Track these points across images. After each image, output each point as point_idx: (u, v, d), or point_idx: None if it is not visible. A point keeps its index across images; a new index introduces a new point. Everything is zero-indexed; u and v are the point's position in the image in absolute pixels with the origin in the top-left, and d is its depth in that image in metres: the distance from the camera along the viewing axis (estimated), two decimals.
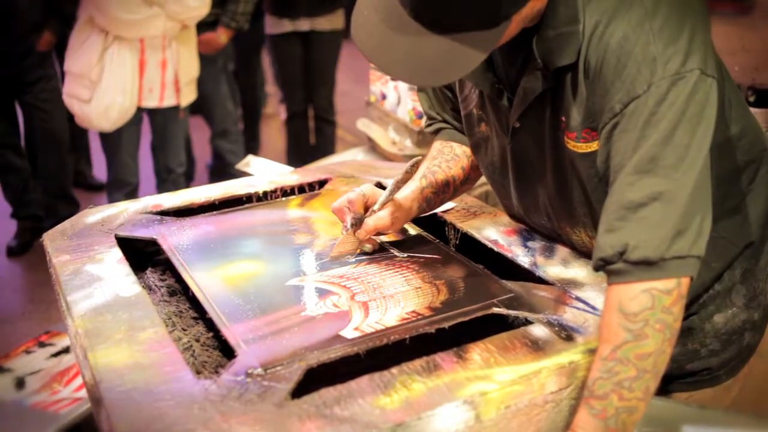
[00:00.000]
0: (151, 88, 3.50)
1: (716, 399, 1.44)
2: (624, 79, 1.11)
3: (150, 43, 3.41)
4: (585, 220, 1.35)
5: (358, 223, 1.44)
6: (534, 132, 1.32)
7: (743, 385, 1.49)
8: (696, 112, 1.09)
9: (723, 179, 1.28)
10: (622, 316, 1.08)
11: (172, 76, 3.55)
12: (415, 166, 1.51)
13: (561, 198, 1.36)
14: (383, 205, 1.45)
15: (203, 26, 3.82)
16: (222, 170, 4.57)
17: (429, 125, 1.65)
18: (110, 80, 3.36)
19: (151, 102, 3.54)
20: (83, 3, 3.37)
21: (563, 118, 1.25)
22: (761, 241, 1.39)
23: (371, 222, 1.43)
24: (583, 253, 1.44)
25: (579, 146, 1.24)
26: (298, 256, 1.46)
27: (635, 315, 1.08)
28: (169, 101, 3.59)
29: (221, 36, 4.11)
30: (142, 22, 3.31)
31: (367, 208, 1.47)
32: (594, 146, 1.22)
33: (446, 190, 1.56)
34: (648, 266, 1.08)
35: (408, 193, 1.49)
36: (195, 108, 4.20)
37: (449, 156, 1.58)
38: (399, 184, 1.46)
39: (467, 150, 1.58)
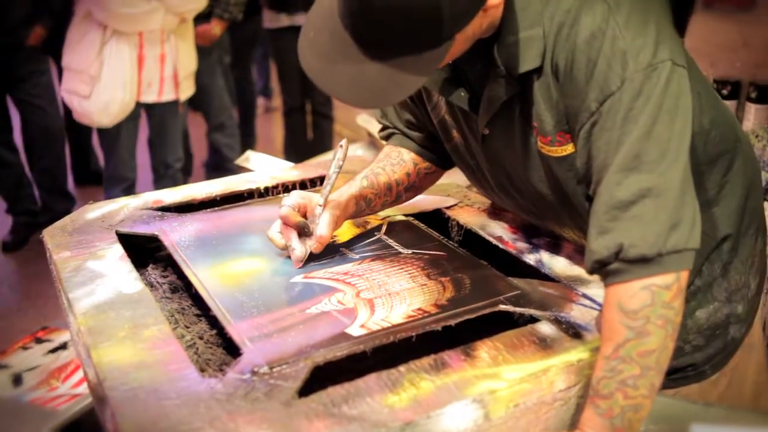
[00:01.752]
0: (150, 82, 3.48)
1: (703, 394, 1.43)
2: (596, 77, 1.10)
3: (148, 38, 3.38)
4: (569, 222, 1.35)
5: (305, 233, 1.39)
6: (505, 138, 1.30)
7: (731, 380, 1.49)
8: (672, 104, 1.09)
9: (696, 171, 1.23)
10: (622, 314, 1.07)
11: (171, 70, 3.53)
12: (343, 149, 1.45)
13: (541, 201, 1.34)
14: (324, 207, 1.40)
15: (197, 19, 3.80)
16: (219, 165, 4.55)
17: (382, 130, 1.63)
18: (109, 75, 3.34)
19: (150, 97, 3.52)
20: None
21: (535, 124, 1.23)
22: (738, 234, 1.37)
23: (322, 232, 1.38)
24: (579, 245, 1.42)
25: (554, 150, 1.23)
26: None
27: (635, 312, 1.07)
28: (168, 96, 3.58)
29: (215, 28, 4.08)
30: (141, 15, 3.29)
31: (304, 215, 1.42)
32: (569, 149, 1.21)
33: (388, 193, 1.53)
34: (645, 263, 1.07)
35: (345, 190, 1.48)
36: (192, 102, 4.18)
37: (395, 160, 1.55)
38: (334, 177, 1.43)
39: (416, 157, 1.56)
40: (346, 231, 1.54)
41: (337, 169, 1.43)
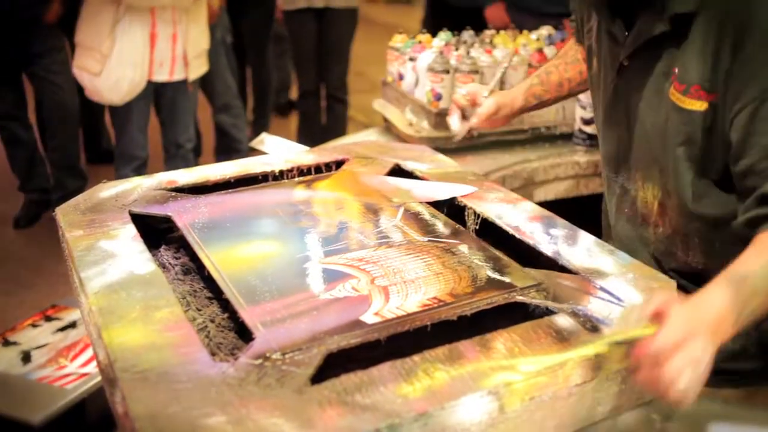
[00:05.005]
0: (162, 62, 3.47)
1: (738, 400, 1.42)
2: None
3: (161, 16, 3.36)
4: (658, 176, 1.38)
5: (465, 117, 1.69)
6: (641, 74, 1.36)
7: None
8: None
9: None
10: None
11: (182, 50, 3.51)
12: (512, 53, 1.76)
13: (644, 147, 1.39)
14: (491, 92, 1.63)
15: None
16: (228, 147, 4.53)
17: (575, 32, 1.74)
18: (121, 53, 3.33)
19: (162, 76, 3.50)
20: None
21: (675, 69, 1.28)
22: None
23: (481, 111, 1.64)
24: (643, 215, 1.45)
25: (683, 100, 1.27)
26: (315, 237, 1.43)
27: None
28: (178, 75, 3.56)
29: (213, 0, 4.03)
30: None
31: (474, 104, 1.67)
32: (697, 105, 1.25)
33: (559, 89, 1.71)
34: None
35: (515, 89, 1.69)
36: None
37: (570, 59, 1.71)
38: (501, 74, 1.74)
39: None
40: (362, 216, 1.52)
41: (504, 69, 1.74)
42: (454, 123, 1.69)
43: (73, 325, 2.32)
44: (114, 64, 3.33)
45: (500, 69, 1.71)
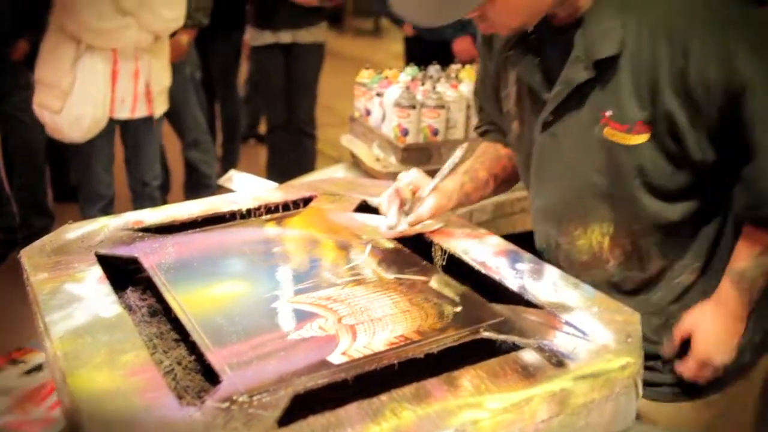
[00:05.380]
0: (123, 98, 3.43)
1: (696, 411, 1.50)
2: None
3: (122, 53, 3.34)
4: (606, 215, 1.42)
5: (404, 210, 1.59)
6: (568, 124, 1.41)
7: (724, 410, 1.50)
8: None
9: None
10: None
11: (144, 86, 3.48)
12: (463, 153, 1.62)
13: (582, 193, 1.43)
14: (430, 192, 1.58)
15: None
16: (199, 183, 4.52)
17: (478, 128, 1.79)
18: (82, 90, 3.29)
19: (123, 113, 3.46)
20: (54, 10, 3.29)
21: (607, 112, 1.33)
22: None
23: (423, 211, 1.57)
24: (584, 262, 1.48)
25: (628, 138, 1.33)
26: (283, 276, 1.44)
27: None
28: (141, 112, 3.52)
29: (181, 38, 4.02)
30: (114, 31, 3.24)
31: (414, 194, 1.60)
32: (643, 138, 1.31)
33: (486, 186, 1.70)
34: None
35: (449, 185, 1.64)
36: (167, 119, 4.14)
37: (492, 156, 1.71)
38: (448, 171, 1.61)
39: (510, 152, 1.66)
40: (329, 254, 1.53)
41: (452, 165, 1.61)
42: (392, 216, 1.58)
43: (39, 368, 2.28)
44: (75, 102, 3.28)
45: (446, 167, 1.60)
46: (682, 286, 1.47)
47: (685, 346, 1.45)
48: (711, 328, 1.41)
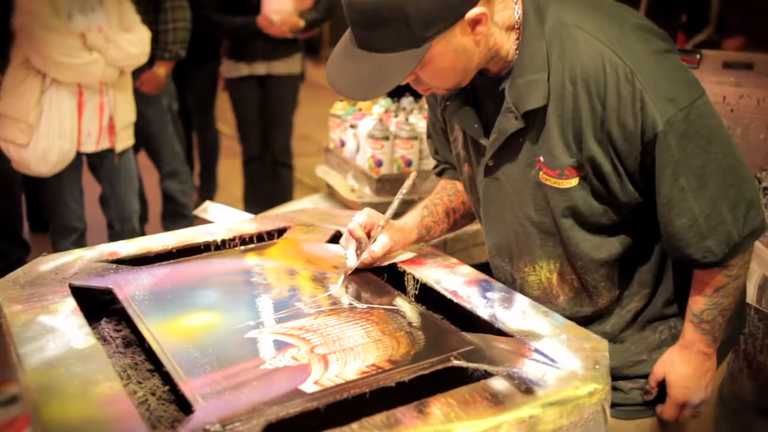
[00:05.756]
0: (90, 131, 3.40)
1: (661, 427, 1.55)
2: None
3: (88, 87, 3.32)
4: (550, 251, 1.47)
5: (361, 248, 1.58)
6: (507, 169, 1.46)
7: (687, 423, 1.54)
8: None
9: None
10: (725, 270, 1.39)
11: (108, 119, 3.45)
12: (412, 183, 1.65)
13: (527, 231, 1.48)
14: (383, 230, 1.59)
15: (142, 66, 3.76)
16: (176, 213, 4.51)
17: (435, 167, 1.83)
18: (49, 124, 3.25)
19: (89, 146, 3.42)
20: (18, 44, 3.26)
21: (540, 158, 1.39)
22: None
23: (376, 248, 1.58)
24: (536, 297, 1.52)
25: (560, 182, 1.39)
26: (256, 307, 1.45)
27: (733, 267, 1.39)
28: (104, 144, 3.47)
29: (159, 69, 4.03)
30: (81, 66, 3.22)
31: (369, 232, 1.61)
32: (573, 182, 1.38)
33: (446, 220, 1.73)
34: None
35: (409, 220, 1.68)
36: (145, 150, 4.12)
37: (451, 191, 1.75)
38: (396, 205, 1.62)
39: None
40: (303, 284, 1.55)
41: (401, 196, 1.63)
42: (351, 256, 1.60)
43: (13, 399, 2.27)
44: (42, 135, 3.24)
45: (396, 199, 1.63)
46: (632, 313, 1.52)
47: (662, 389, 1.50)
48: (683, 372, 1.47)
